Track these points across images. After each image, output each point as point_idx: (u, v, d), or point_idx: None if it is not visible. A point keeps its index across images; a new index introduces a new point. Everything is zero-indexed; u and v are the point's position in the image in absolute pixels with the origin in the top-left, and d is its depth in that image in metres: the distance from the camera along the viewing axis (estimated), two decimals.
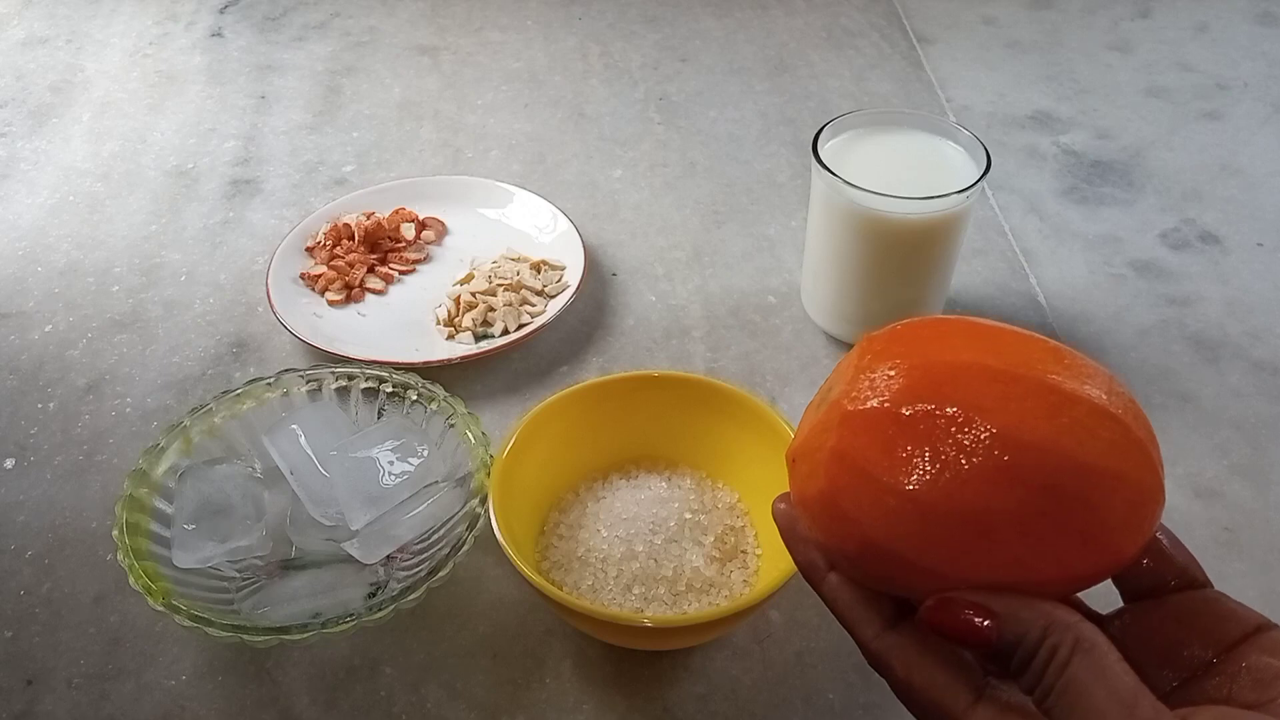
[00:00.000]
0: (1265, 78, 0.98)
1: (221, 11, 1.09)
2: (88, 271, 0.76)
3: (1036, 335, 0.33)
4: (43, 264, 0.77)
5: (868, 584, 0.34)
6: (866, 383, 0.32)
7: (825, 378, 0.69)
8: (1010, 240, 0.79)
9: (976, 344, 0.33)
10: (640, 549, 0.51)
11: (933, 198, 0.59)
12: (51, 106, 0.95)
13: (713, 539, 0.53)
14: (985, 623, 0.30)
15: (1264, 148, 0.89)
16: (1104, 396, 0.31)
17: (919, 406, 0.31)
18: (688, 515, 0.53)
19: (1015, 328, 0.34)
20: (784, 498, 0.36)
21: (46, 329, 0.72)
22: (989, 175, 0.61)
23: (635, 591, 0.51)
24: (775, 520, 0.36)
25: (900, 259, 0.63)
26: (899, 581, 0.32)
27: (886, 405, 0.31)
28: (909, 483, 0.30)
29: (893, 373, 0.32)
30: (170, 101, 0.95)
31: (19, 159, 0.88)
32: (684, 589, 0.51)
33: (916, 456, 0.30)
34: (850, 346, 0.69)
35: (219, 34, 1.05)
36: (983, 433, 0.30)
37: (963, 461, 0.30)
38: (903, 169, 0.63)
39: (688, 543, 0.52)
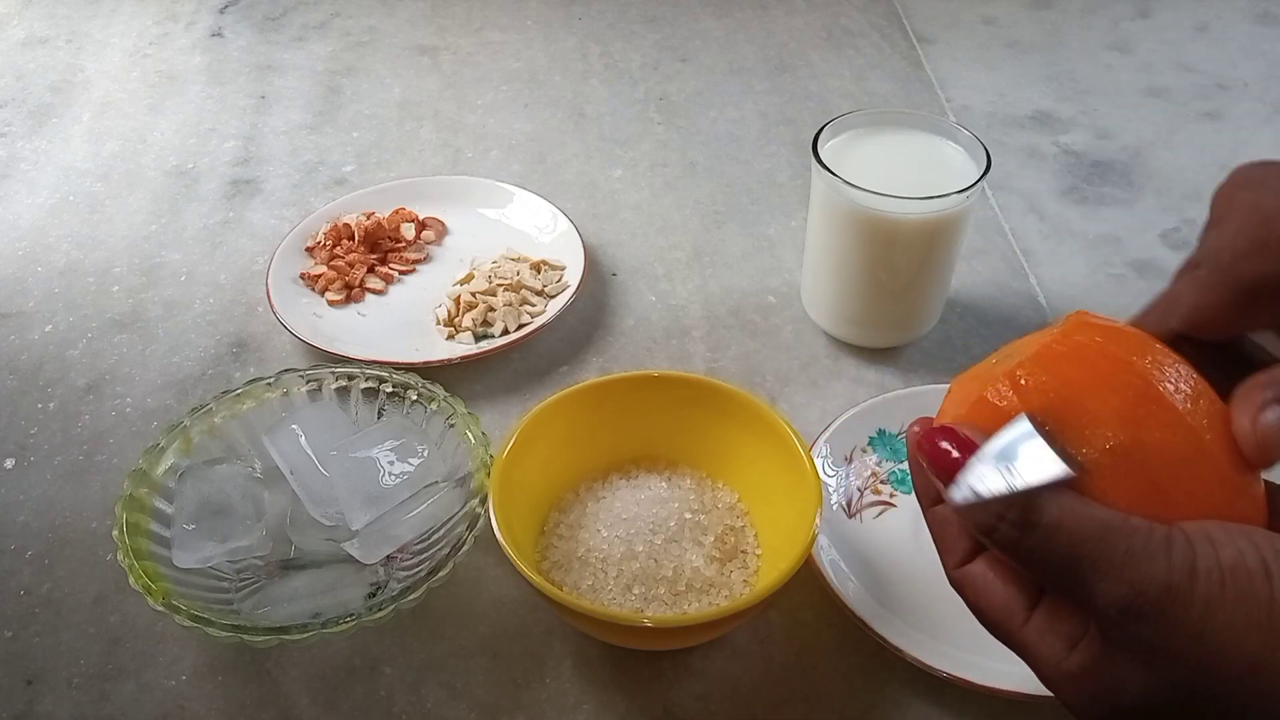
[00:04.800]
0: (1265, 78, 0.98)
1: (221, 11, 1.09)
2: (88, 271, 0.76)
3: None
4: (43, 264, 0.77)
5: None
6: (1023, 378, 0.33)
7: (824, 378, 0.70)
8: (1010, 240, 0.79)
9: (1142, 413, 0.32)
10: (640, 549, 0.51)
11: (933, 198, 0.59)
12: (51, 106, 0.95)
13: (713, 539, 0.53)
14: (955, 454, 0.32)
15: (1264, 148, 0.89)
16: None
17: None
18: (688, 515, 0.53)
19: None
20: (920, 421, 0.36)
21: (46, 329, 0.72)
22: (989, 175, 0.61)
23: (635, 591, 0.51)
24: (907, 443, 0.36)
25: (900, 259, 0.63)
26: None
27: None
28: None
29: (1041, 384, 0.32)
30: (170, 101, 0.95)
31: (19, 159, 0.88)
32: (684, 589, 0.51)
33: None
34: (850, 347, 0.69)
35: (219, 34, 1.05)
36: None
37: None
38: (903, 169, 0.63)
39: (688, 543, 0.52)
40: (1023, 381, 0.33)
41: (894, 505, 0.58)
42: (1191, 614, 0.28)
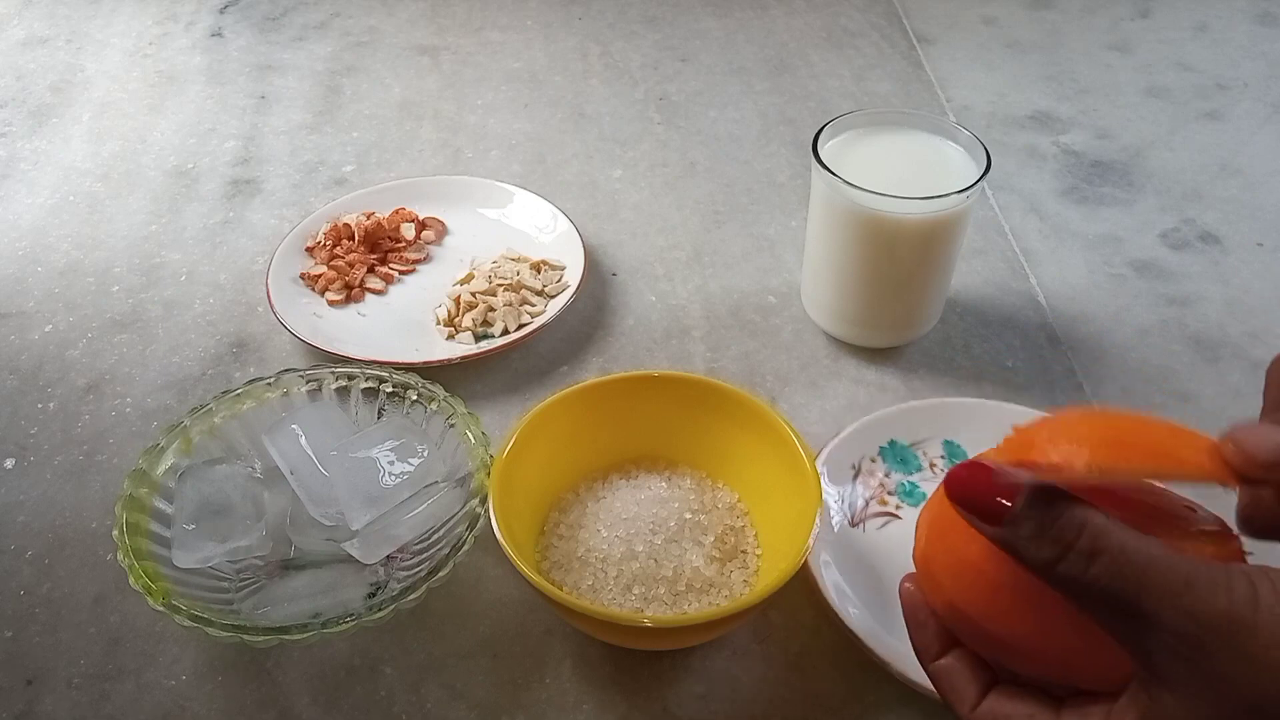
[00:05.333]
0: (1265, 78, 0.98)
1: (221, 11, 1.09)
2: (88, 271, 0.76)
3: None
4: (43, 264, 0.77)
5: (961, 639, 0.36)
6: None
7: (824, 378, 0.70)
8: (1010, 240, 0.79)
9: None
10: (640, 549, 0.51)
11: (933, 198, 0.59)
12: (51, 106, 0.95)
13: (713, 539, 0.53)
14: (1005, 502, 0.31)
15: (1264, 148, 0.89)
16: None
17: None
18: (688, 515, 0.53)
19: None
20: (909, 578, 0.38)
21: (46, 329, 0.72)
22: (989, 175, 0.61)
23: (635, 591, 0.51)
24: (901, 600, 0.37)
25: (900, 259, 0.63)
26: (973, 641, 0.35)
27: None
28: (980, 558, 0.32)
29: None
30: (170, 101, 0.95)
31: (19, 159, 0.88)
32: (684, 589, 0.51)
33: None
34: (850, 347, 0.69)
35: (219, 34, 1.05)
36: None
37: None
38: (903, 169, 0.63)
39: (688, 543, 0.52)
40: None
41: (899, 517, 0.58)
42: (1256, 645, 0.28)
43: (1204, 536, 0.33)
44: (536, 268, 0.73)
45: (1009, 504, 0.30)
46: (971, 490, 0.31)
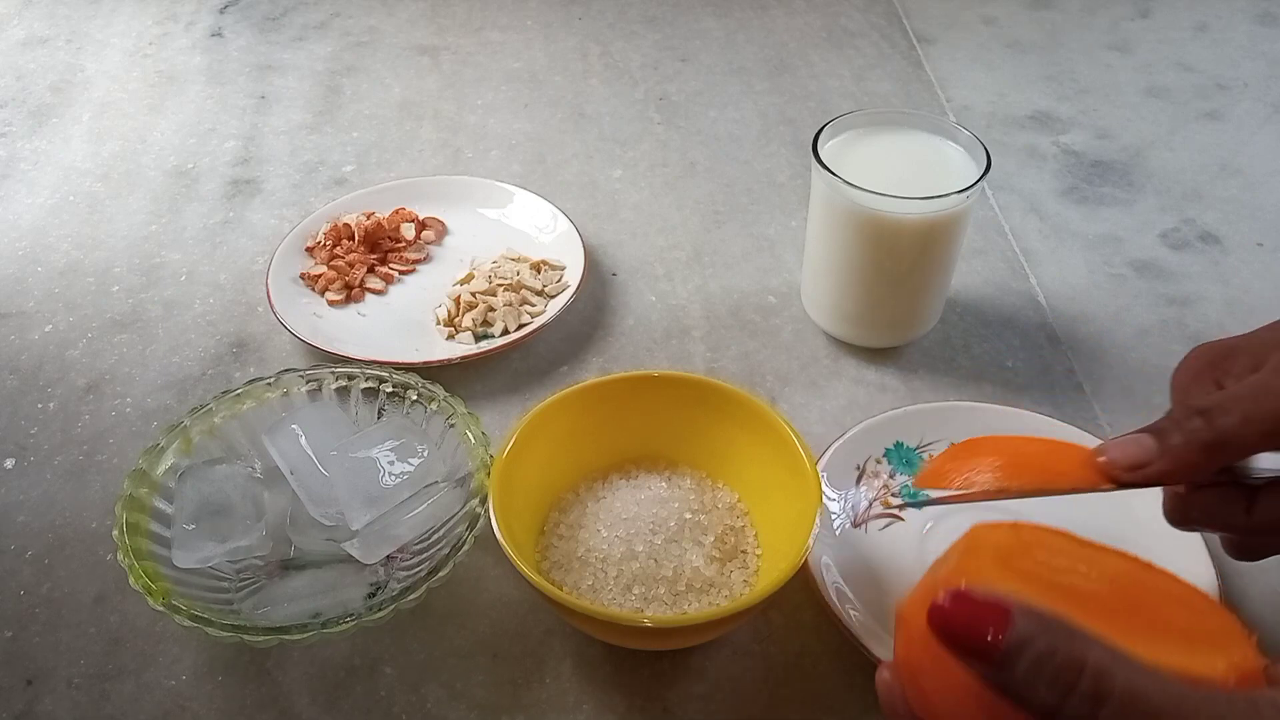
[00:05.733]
0: (1265, 78, 0.98)
1: (221, 11, 1.09)
2: (88, 271, 0.76)
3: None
4: (43, 264, 0.77)
5: None
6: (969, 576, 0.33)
7: (824, 378, 0.69)
8: (1010, 240, 0.79)
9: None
10: (640, 549, 0.51)
11: (933, 198, 0.59)
12: (51, 106, 0.95)
13: (713, 539, 0.53)
14: (991, 635, 0.28)
15: (1264, 148, 0.89)
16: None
17: None
18: (688, 515, 0.53)
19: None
20: (888, 666, 0.35)
21: (46, 329, 0.72)
22: (989, 175, 0.61)
23: (635, 591, 0.51)
24: (878, 690, 0.35)
25: (900, 259, 0.63)
26: None
27: None
28: (976, 680, 0.30)
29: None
30: (170, 101, 0.95)
31: (19, 159, 0.88)
32: (684, 589, 0.51)
33: None
34: (850, 347, 0.69)
35: (219, 34, 1.05)
36: None
37: None
38: (903, 169, 0.63)
39: (688, 543, 0.52)
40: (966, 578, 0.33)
41: (902, 519, 0.57)
42: None
43: (1220, 644, 0.32)
44: (536, 268, 0.73)
45: (998, 641, 0.28)
46: (956, 625, 0.29)
